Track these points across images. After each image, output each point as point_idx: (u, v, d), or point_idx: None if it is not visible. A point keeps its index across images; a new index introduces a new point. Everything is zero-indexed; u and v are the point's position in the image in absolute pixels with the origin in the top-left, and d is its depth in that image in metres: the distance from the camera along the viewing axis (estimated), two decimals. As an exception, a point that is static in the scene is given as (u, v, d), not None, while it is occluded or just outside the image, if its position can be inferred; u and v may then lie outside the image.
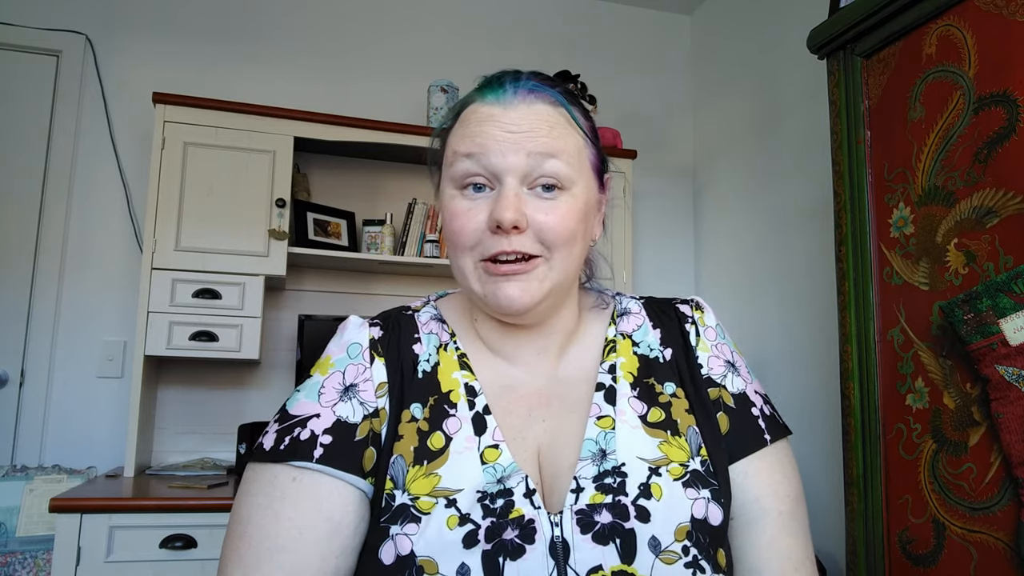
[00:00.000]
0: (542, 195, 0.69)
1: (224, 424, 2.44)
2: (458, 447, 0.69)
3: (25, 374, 2.36)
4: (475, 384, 0.74)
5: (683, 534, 0.65)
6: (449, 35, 2.89)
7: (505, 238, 0.68)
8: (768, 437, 0.75)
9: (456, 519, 0.64)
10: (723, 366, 0.77)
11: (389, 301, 2.66)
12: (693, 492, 0.67)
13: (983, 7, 1.23)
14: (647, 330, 0.79)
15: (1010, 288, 1.13)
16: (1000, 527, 1.15)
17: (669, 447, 0.70)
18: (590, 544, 0.63)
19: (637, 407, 0.73)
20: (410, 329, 0.78)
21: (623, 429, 0.70)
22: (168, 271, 2.20)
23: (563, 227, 0.69)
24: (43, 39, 2.47)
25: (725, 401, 0.75)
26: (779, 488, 0.74)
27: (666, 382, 0.75)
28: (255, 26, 2.70)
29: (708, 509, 0.67)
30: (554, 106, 0.72)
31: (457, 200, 0.71)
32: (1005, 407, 1.13)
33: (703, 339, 0.78)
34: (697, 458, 0.70)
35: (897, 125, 1.39)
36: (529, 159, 0.68)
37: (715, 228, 2.95)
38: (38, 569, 2.00)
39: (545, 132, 0.69)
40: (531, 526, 0.64)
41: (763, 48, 2.66)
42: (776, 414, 0.79)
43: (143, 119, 2.47)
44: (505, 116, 0.70)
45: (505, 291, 0.68)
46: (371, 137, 2.46)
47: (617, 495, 0.66)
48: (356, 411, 0.71)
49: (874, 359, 1.40)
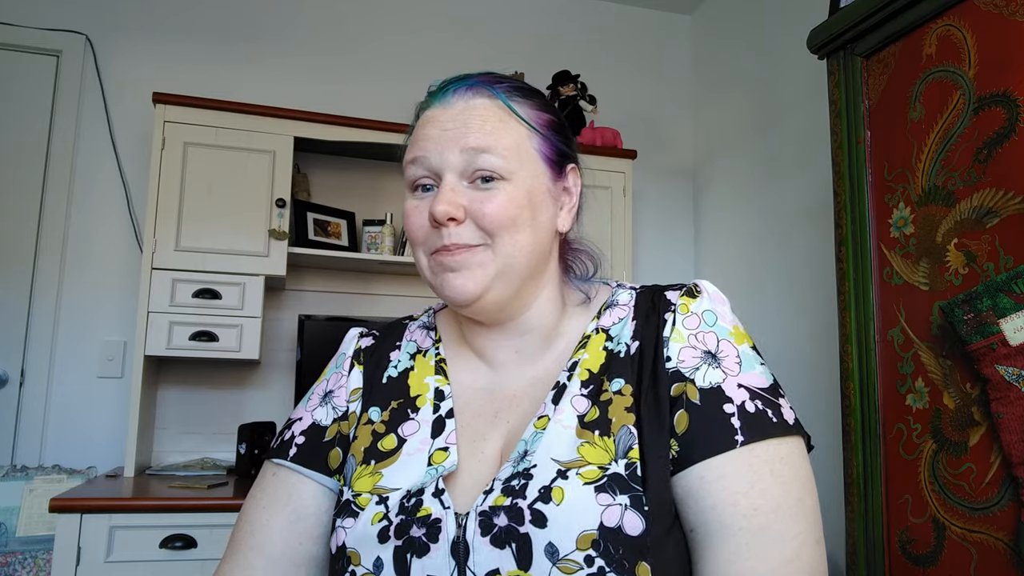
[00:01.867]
0: (480, 186, 0.71)
1: (224, 424, 2.44)
2: (411, 449, 0.72)
3: (25, 374, 2.36)
4: (446, 388, 0.76)
5: (587, 542, 0.60)
6: (449, 35, 2.89)
7: (445, 231, 0.70)
8: (740, 438, 0.64)
9: (380, 515, 0.67)
10: (698, 358, 0.69)
11: (389, 301, 2.66)
12: (607, 497, 0.62)
13: (983, 7, 1.23)
14: (626, 323, 0.74)
15: (1010, 288, 1.13)
16: (1000, 527, 1.15)
17: (590, 448, 0.65)
18: (488, 547, 0.62)
19: (580, 406, 0.69)
20: (395, 337, 0.83)
21: (554, 430, 0.67)
22: (168, 271, 2.20)
23: (501, 214, 0.70)
24: (43, 39, 2.47)
25: (689, 397, 0.67)
26: (741, 498, 0.63)
27: (616, 378, 0.70)
28: (255, 26, 2.70)
29: (624, 517, 0.61)
30: (491, 99, 0.74)
31: (409, 201, 0.74)
32: (1005, 407, 1.13)
33: (679, 328, 0.71)
34: (622, 461, 0.64)
35: (897, 125, 1.39)
36: (463, 155, 0.70)
37: (715, 228, 2.95)
38: (38, 569, 2.00)
39: (477, 127, 0.71)
40: (436, 525, 0.64)
41: (763, 48, 2.66)
42: (774, 412, 0.67)
43: (143, 119, 2.47)
44: (443, 115, 0.73)
45: (452, 282, 0.70)
46: (371, 137, 2.46)
47: (516, 497, 0.63)
48: (328, 415, 0.79)
49: (874, 359, 1.40)
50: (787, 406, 0.68)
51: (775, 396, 0.68)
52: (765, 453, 0.65)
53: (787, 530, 0.62)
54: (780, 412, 0.67)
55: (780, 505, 0.63)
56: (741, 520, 0.62)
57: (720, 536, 0.63)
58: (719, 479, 0.64)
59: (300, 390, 2.39)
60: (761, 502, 0.63)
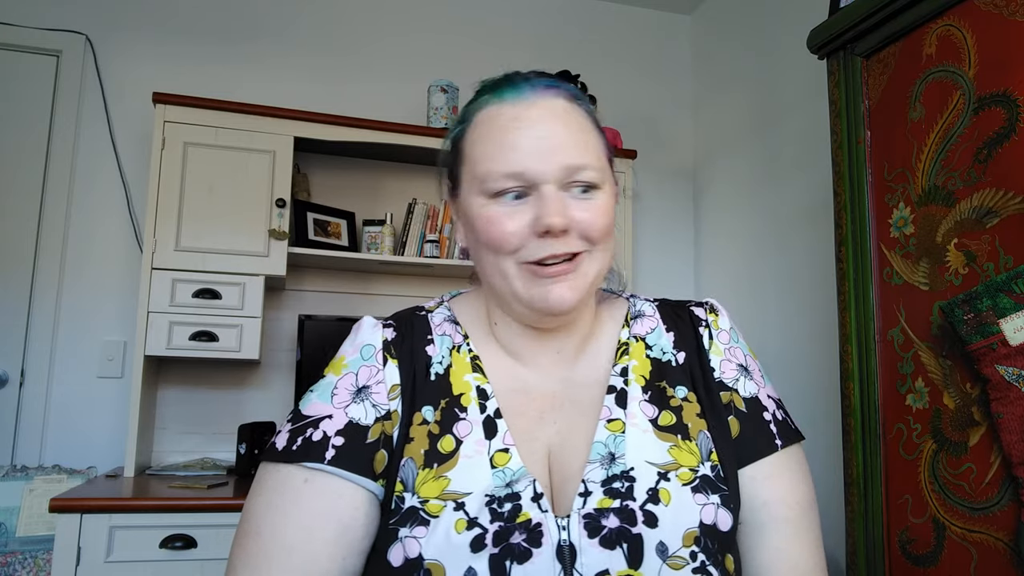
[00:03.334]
0: (579, 196, 0.70)
1: (224, 424, 2.44)
2: (468, 451, 0.69)
3: (25, 374, 2.36)
4: (487, 387, 0.74)
5: (691, 540, 0.65)
6: (449, 35, 2.89)
7: (554, 241, 0.68)
8: (780, 442, 0.74)
9: (464, 523, 0.64)
10: (735, 370, 0.77)
11: (389, 301, 2.66)
12: (702, 497, 0.67)
13: (983, 7, 1.23)
14: (660, 333, 0.79)
15: (1010, 288, 1.13)
16: (1000, 527, 1.15)
17: (679, 451, 0.70)
18: (597, 548, 0.63)
19: (648, 411, 0.73)
20: (423, 331, 0.78)
21: (633, 433, 0.70)
22: (168, 271, 2.20)
23: (603, 222, 0.71)
24: (43, 39, 2.47)
25: (737, 405, 0.75)
26: (788, 495, 0.73)
27: (678, 386, 0.75)
28: (255, 26, 2.70)
29: (717, 515, 0.67)
30: (573, 103, 0.73)
31: (491, 207, 0.70)
32: (1005, 407, 1.13)
33: (716, 342, 0.78)
34: (707, 463, 0.70)
35: (897, 125, 1.39)
36: (563, 171, 0.69)
37: (715, 228, 2.95)
38: (38, 569, 2.00)
39: (574, 141, 0.70)
40: (538, 530, 0.63)
41: (763, 48, 2.66)
42: (789, 419, 0.78)
43: (143, 119, 2.47)
44: (530, 117, 0.70)
45: (556, 292, 0.69)
46: (371, 137, 2.46)
47: (625, 500, 0.66)
48: (368, 413, 0.71)
49: (874, 359, 1.40)
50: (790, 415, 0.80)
51: (784, 406, 0.80)
52: (796, 455, 0.76)
53: (813, 522, 0.74)
54: (792, 420, 0.79)
55: (812, 501, 0.75)
56: (789, 512, 0.72)
57: (773, 526, 0.72)
58: (768, 478, 0.73)
59: (300, 390, 2.39)
60: (801, 497, 0.74)
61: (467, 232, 0.75)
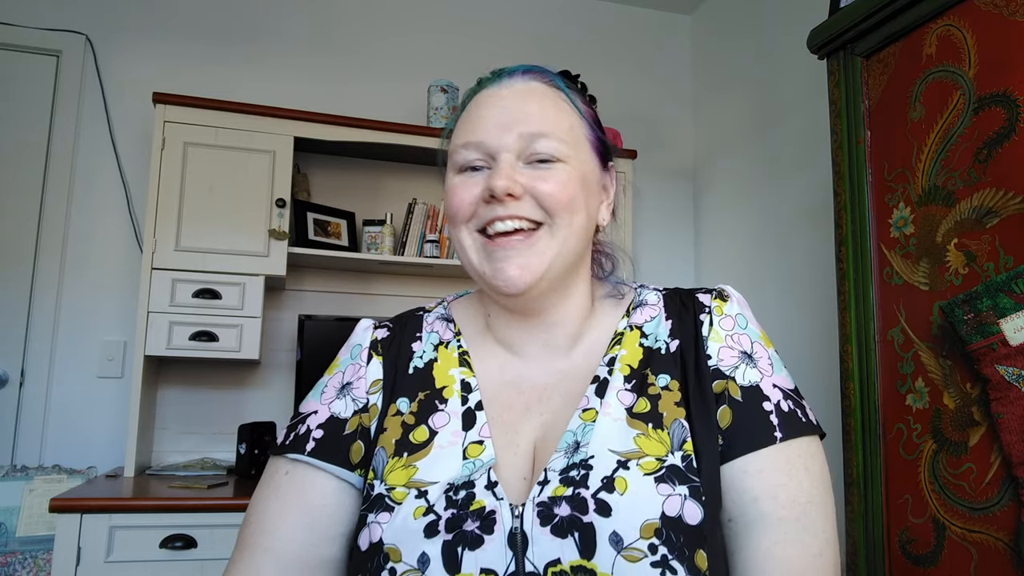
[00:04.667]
0: (538, 167, 0.71)
1: (224, 424, 2.44)
2: (442, 441, 0.70)
3: (25, 374, 2.36)
4: (472, 380, 0.75)
5: (650, 531, 0.61)
6: (449, 35, 2.89)
7: (500, 205, 0.69)
8: (779, 435, 0.68)
9: (423, 509, 0.65)
10: (736, 357, 0.72)
11: (389, 301, 2.66)
12: (667, 488, 0.64)
13: (983, 7, 1.23)
14: (659, 321, 0.76)
15: (1010, 288, 1.13)
16: (1000, 527, 1.15)
17: (646, 440, 0.67)
18: (549, 537, 0.62)
19: (626, 399, 0.70)
20: (414, 328, 0.81)
21: (604, 422, 0.68)
22: (168, 271, 2.20)
23: (563, 192, 0.70)
24: (43, 39, 2.47)
25: (731, 394, 0.70)
26: (781, 491, 0.67)
27: (661, 374, 0.72)
28: (255, 26, 2.70)
29: (684, 507, 0.63)
30: (549, 85, 0.75)
31: (454, 178, 0.73)
32: (1005, 407, 1.13)
33: (716, 329, 0.74)
34: (678, 453, 0.66)
35: (897, 125, 1.39)
36: (521, 139, 0.70)
37: (715, 228, 2.95)
38: (38, 569, 2.00)
39: (536, 111, 0.72)
40: (491, 517, 0.64)
41: (763, 48, 2.66)
42: (801, 412, 0.71)
43: (143, 119, 2.47)
44: (500, 94, 0.73)
45: (504, 272, 0.69)
46: (371, 137, 2.46)
47: (578, 488, 0.64)
48: (348, 407, 0.75)
49: (874, 359, 1.40)
50: (809, 407, 0.73)
51: (799, 397, 0.73)
52: (800, 450, 0.69)
53: (817, 524, 0.67)
54: (807, 412, 0.72)
55: (813, 499, 0.67)
56: (781, 511, 0.66)
57: (762, 525, 0.66)
58: (760, 472, 0.67)
59: (300, 390, 2.39)
60: (798, 495, 0.67)
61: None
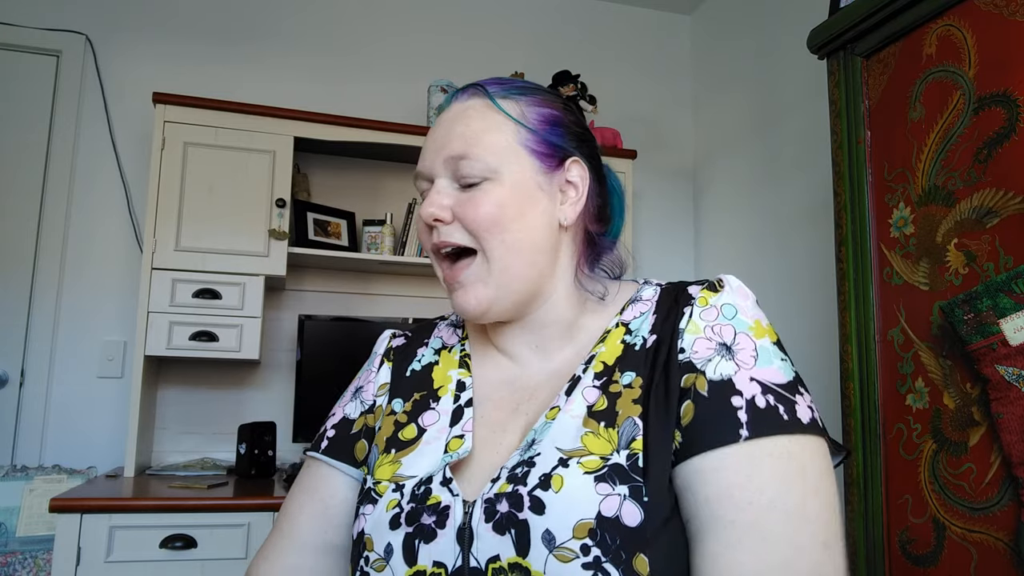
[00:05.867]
0: (467, 191, 0.73)
1: (224, 424, 2.44)
2: (429, 438, 0.74)
3: (25, 374, 2.36)
4: (467, 380, 0.78)
5: (584, 531, 0.60)
6: (449, 35, 2.89)
7: (435, 230, 0.74)
8: (745, 433, 0.62)
9: (395, 502, 0.69)
10: (712, 349, 0.67)
11: (389, 301, 2.66)
12: (606, 487, 0.61)
13: (983, 7, 1.23)
14: (647, 317, 0.74)
15: (1010, 288, 1.13)
16: (1000, 527, 1.15)
17: (593, 438, 0.65)
18: (491, 533, 0.63)
19: (590, 396, 0.69)
20: (424, 335, 0.87)
21: (562, 420, 0.68)
22: (168, 271, 2.20)
23: (482, 215, 0.71)
24: (43, 39, 2.47)
25: (697, 388, 0.65)
26: (738, 492, 0.61)
27: (627, 371, 0.70)
28: (255, 26, 2.70)
29: (622, 507, 0.60)
30: (482, 99, 0.76)
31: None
32: (1005, 407, 1.13)
33: (695, 320, 0.70)
34: (624, 451, 0.63)
35: (897, 125, 1.39)
36: (447, 164, 0.74)
37: (715, 228, 2.95)
38: (38, 569, 2.00)
39: (459, 133, 0.73)
40: (445, 512, 0.66)
41: (763, 48, 2.66)
42: (787, 408, 0.64)
43: (143, 119, 2.47)
44: (438, 123, 0.77)
45: (459, 303, 0.74)
46: (371, 137, 2.46)
47: (518, 485, 0.64)
48: (356, 408, 0.83)
49: (874, 359, 1.40)
50: (805, 404, 0.66)
51: (792, 393, 0.66)
52: (771, 449, 0.62)
53: (784, 530, 0.59)
54: (794, 409, 0.64)
55: (776, 503, 0.60)
56: (734, 513, 0.60)
57: (712, 528, 0.61)
58: (716, 471, 0.62)
59: (300, 390, 2.39)
60: (757, 497, 0.60)
61: None
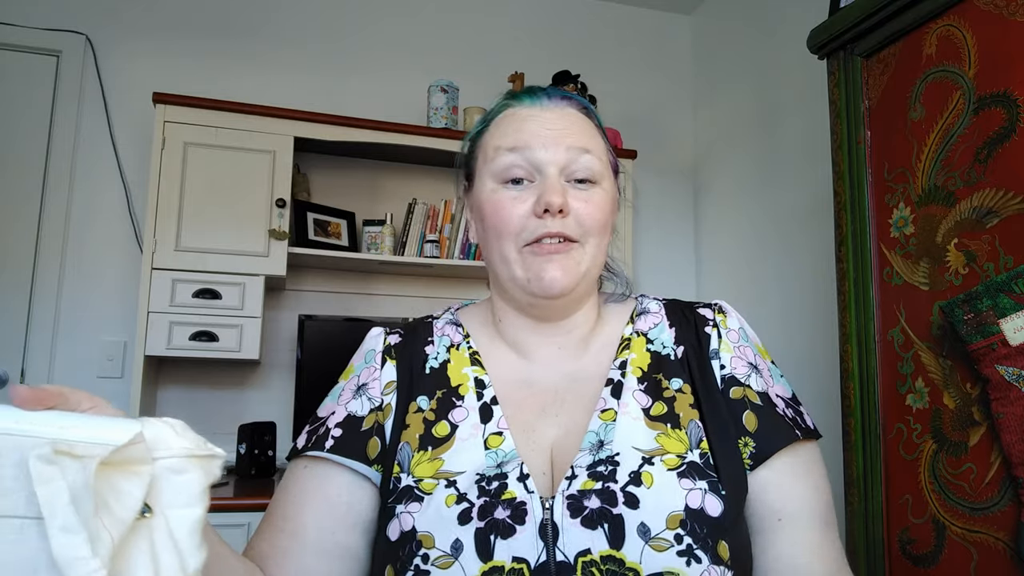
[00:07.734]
0: (578, 187, 0.76)
1: (224, 424, 2.44)
2: (463, 434, 0.74)
3: (25, 374, 2.36)
4: (484, 378, 0.79)
5: (676, 522, 0.65)
6: (449, 35, 2.89)
7: (551, 220, 0.73)
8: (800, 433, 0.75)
9: (454, 498, 0.68)
10: (746, 367, 0.78)
11: (389, 301, 2.66)
12: (688, 482, 0.68)
13: (983, 7, 1.23)
14: (663, 328, 0.81)
15: (1010, 288, 1.13)
16: (1000, 527, 1.15)
17: (667, 439, 0.71)
18: (579, 528, 0.65)
19: (642, 400, 0.74)
20: (425, 334, 0.85)
21: (624, 421, 0.72)
22: (168, 271, 2.20)
23: (599, 214, 0.76)
24: (43, 39, 2.47)
25: (751, 399, 0.75)
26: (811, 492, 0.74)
27: (673, 378, 0.76)
28: (255, 26, 2.70)
29: (704, 500, 0.67)
30: (582, 112, 0.81)
31: (500, 192, 0.76)
32: (1005, 407, 1.13)
33: (725, 340, 0.79)
34: (696, 451, 0.71)
35: (897, 125, 1.39)
36: (568, 152, 0.75)
37: (715, 228, 2.95)
38: (38, 569, 2.00)
39: (578, 131, 0.77)
40: (522, 508, 0.66)
41: (763, 48, 2.66)
42: (801, 419, 0.77)
43: (143, 119, 2.47)
44: (543, 115, 0.78)
45: (549, 272, 0.73)
46: (371, 137, 2.46)
47: (607, 482, 0.67)
48: (364, 406, 0.79)
49: (874, 359, 1.40)
50: (807, 413, 0.78)
51: (797, 404, 0.79)
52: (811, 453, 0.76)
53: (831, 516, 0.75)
54: (805, 418, 0.78)
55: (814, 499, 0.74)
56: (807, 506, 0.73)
57: (792, 520, 0.72)
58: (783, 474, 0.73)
59: (300, 390, 2.39)
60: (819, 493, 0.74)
61: (477, 224, 0.81)
